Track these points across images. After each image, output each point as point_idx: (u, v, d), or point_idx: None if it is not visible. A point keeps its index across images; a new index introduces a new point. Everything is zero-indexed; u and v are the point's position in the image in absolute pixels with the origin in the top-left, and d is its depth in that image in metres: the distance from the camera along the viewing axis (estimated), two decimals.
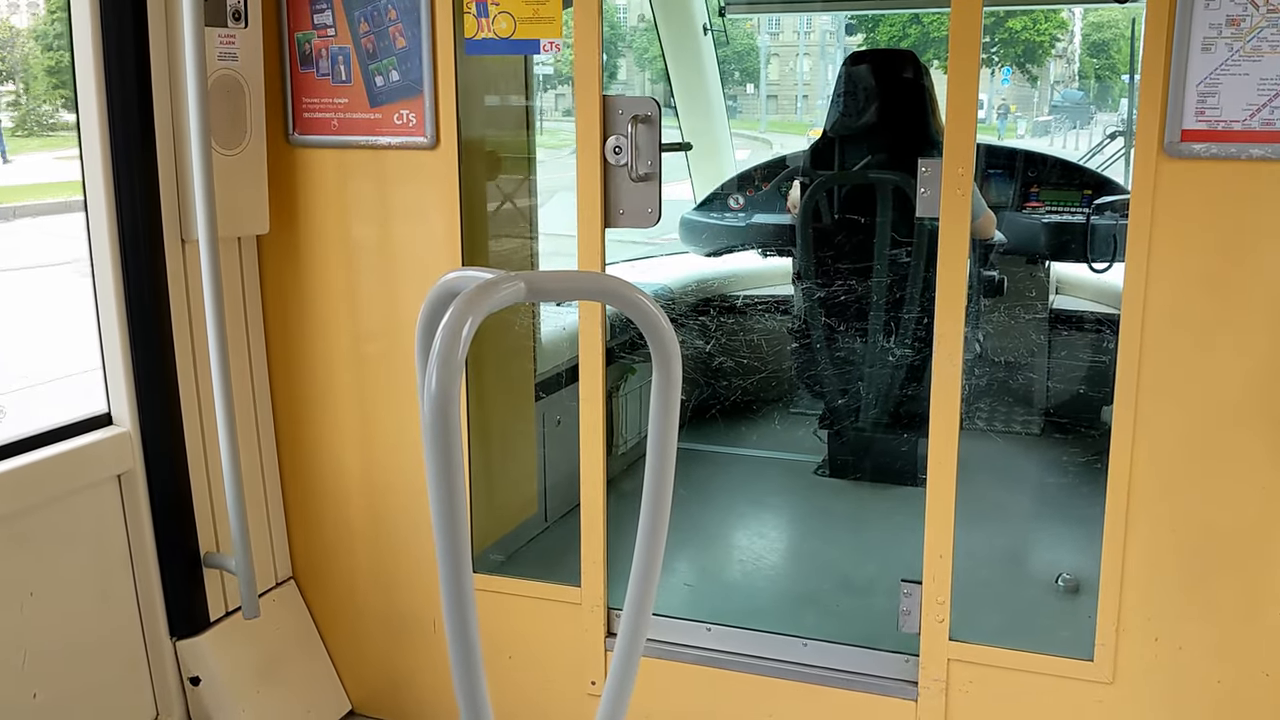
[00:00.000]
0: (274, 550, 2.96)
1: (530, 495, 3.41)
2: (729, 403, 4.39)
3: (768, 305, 4.58)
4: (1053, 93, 18.65)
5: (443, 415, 1.21)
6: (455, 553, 1.27)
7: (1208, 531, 2.26)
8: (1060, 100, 17.84)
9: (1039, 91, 18.82)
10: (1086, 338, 4.23)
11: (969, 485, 2.47)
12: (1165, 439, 2.25)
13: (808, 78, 19.91)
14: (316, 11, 2.67)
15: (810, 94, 19.42)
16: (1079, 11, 18.35)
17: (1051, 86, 18.69)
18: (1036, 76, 18.59)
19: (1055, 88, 18.56)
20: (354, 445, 2.89)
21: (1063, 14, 17.71)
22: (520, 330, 3.27)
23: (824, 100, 4.47)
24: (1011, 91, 18.80)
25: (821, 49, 17.15)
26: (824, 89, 20.21)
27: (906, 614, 2.54)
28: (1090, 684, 2.39)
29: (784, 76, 20.41)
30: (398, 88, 2.63)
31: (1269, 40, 2.04)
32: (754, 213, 4.56)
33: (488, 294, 1.26)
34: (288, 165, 2.78)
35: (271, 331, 2.89)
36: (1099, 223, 4.08)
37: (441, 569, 1.28)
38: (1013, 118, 18.56)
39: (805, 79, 20.03)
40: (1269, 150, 2.07)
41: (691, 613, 2.83)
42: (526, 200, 3.24)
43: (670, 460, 1.48)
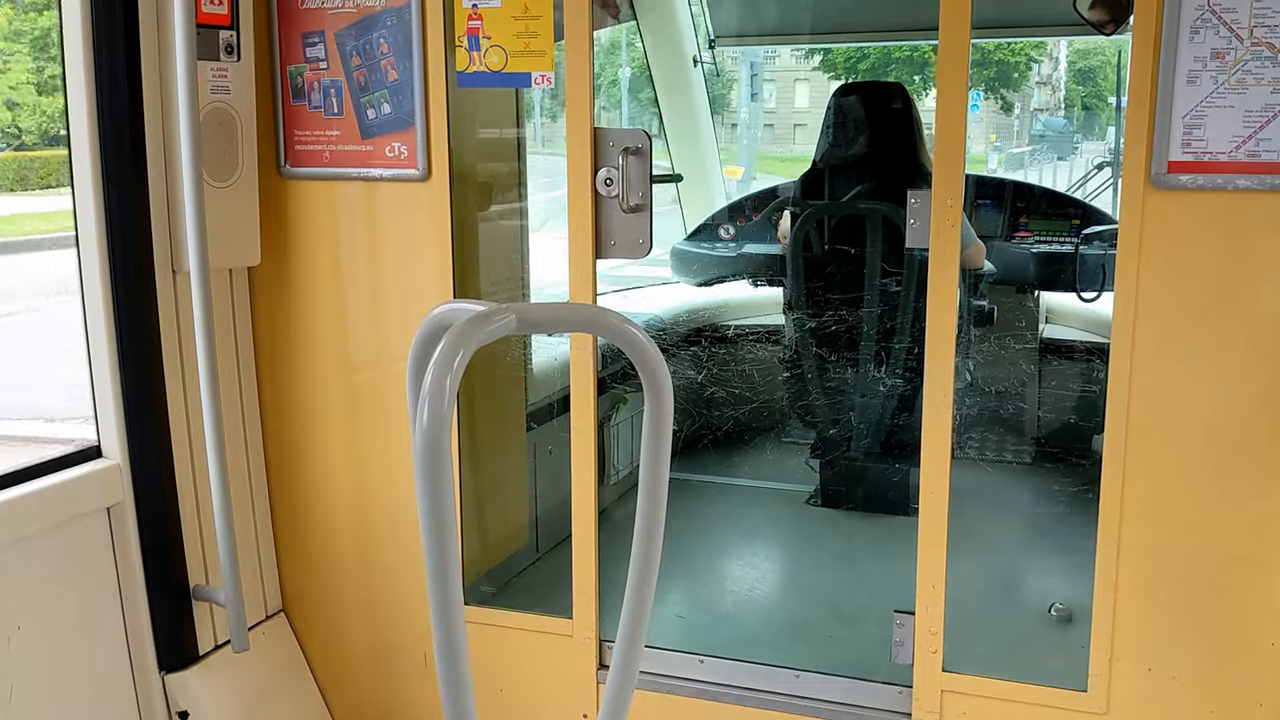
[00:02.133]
0: (264, 583, 2.94)
1: (521, 526, 3.40)
2: (721, 433, 4.39)
3: (759, 335, 4.59)
4: (1033, 120, 17.82)
5: (434, 448, 1.21)
6: (446, 585, 1.27)
7: (1200, 561, 2.26)
8: (1042, 129, 16.99)
9: (1021, 120, 18.19)
10: (1077, 367, 4.25)
11: (961, 515, 2.47)
12: (1156, 468, 2.26)
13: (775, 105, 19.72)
14: (308, 45, 2.68)
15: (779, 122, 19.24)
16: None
17: (1032, 114, 18.10)
18: (1012, 103, 17.72)
19: (1036, 115, 17.92)
20: (344, 478, 2.88)
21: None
22: (511, 360, 3.28)
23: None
24: (993, 119, 18.29)
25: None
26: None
27: (899, 645, 2.53)
28: (1084, 715, 2.38)
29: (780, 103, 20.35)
30: (389, 120, 2.64)
31: (1253, 72, 2.06)
32: (744, 243, 4.59)
33: (479, 327, 1.27)
34: (279, 197, 2.78)
35: (262, 363, 2.88)
36: (1087, 252, 4.11)
37: (432, 602, 1.27)
38: (990, 148, 18.04)
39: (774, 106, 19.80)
40: (1255, 181, 2.09)
41: (683, 644, 2.81)
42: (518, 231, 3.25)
43: (662, 491, 1.48)
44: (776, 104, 21.42)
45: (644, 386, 1.42)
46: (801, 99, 20.74)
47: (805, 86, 20.36)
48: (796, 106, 20.98)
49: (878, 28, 5.03)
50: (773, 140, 20.79)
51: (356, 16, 2.63)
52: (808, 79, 19.28)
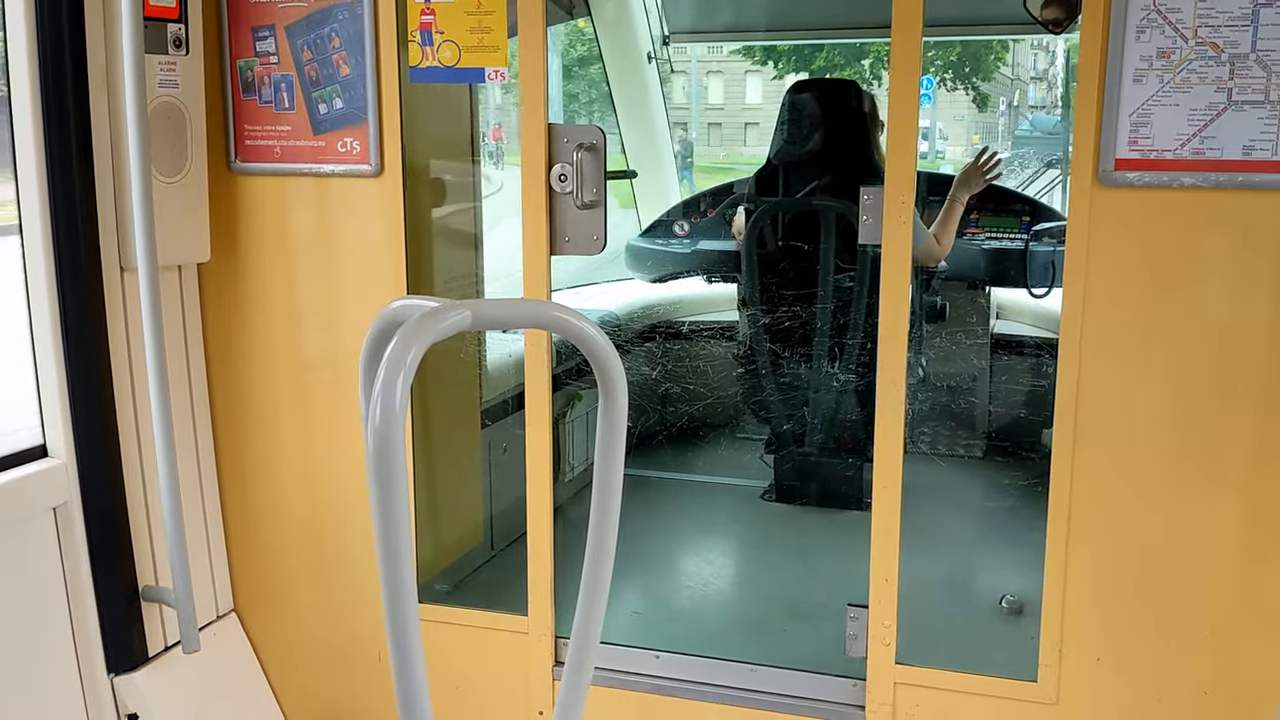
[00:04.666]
0: (215, 583, 2.91)
1: (476, 524, 3.38)
2: (675, 429, 4.40)
3: (713, 331, 4.60)
4: (1015, 117, 15.78)
5: (387, 446, 1.20)
6: (399, 584, 1.26)
7: (1146, 552, 2.30)
8: (1028, 128, 14.56)
9: (1008, 119, 16.15)
10: (1027, 362, 4.30)
11: (913, 509, 2.49)
12: (1104, 462, 2.29)
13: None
14: (259, 39, 2.65)
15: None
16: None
17: (1015, 110, 16.03)
18: (986, 95, 15.69)
19: (1021, 113, 15.63)
20: (297, 476, 2.85)
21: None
22: (465, 358, 3.26)
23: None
24: (980, 119, 16.94)
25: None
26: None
27: (853, 638, 2.55)
28: (1034, 705, 2.42)
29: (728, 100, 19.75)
30: (341, 115, 2.62)
31: (1198, 72, 2.10)
32: (699, 239, 4.60)
33: (433, 323, 1.26)
34: (229, 193, 2.75)
35: (212, 361, 2.85)
36: (1037, 249, 4.16)
37: (386, 600, 1.26)
38: (970, 150, 17.37)
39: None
40: (1199, 179, 2.13)
41: (639, 640, 2.82)
42: (472, 227, 3.24)
43: (616, 487, 1.47)
44: (725, 99, 20.67)
45: (599, 383, 1.41)
46: (754, 94, 19.98)
47: (758, 79, 19.67)
48: (749, 103, 20.24)
49: (831, 25, 5.06)
50: (719, 143, 20.14)
51: (307, 10, 2.60)
52: (759, 72, 18.42)
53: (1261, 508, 2.21)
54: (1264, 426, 2.18)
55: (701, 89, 19.66)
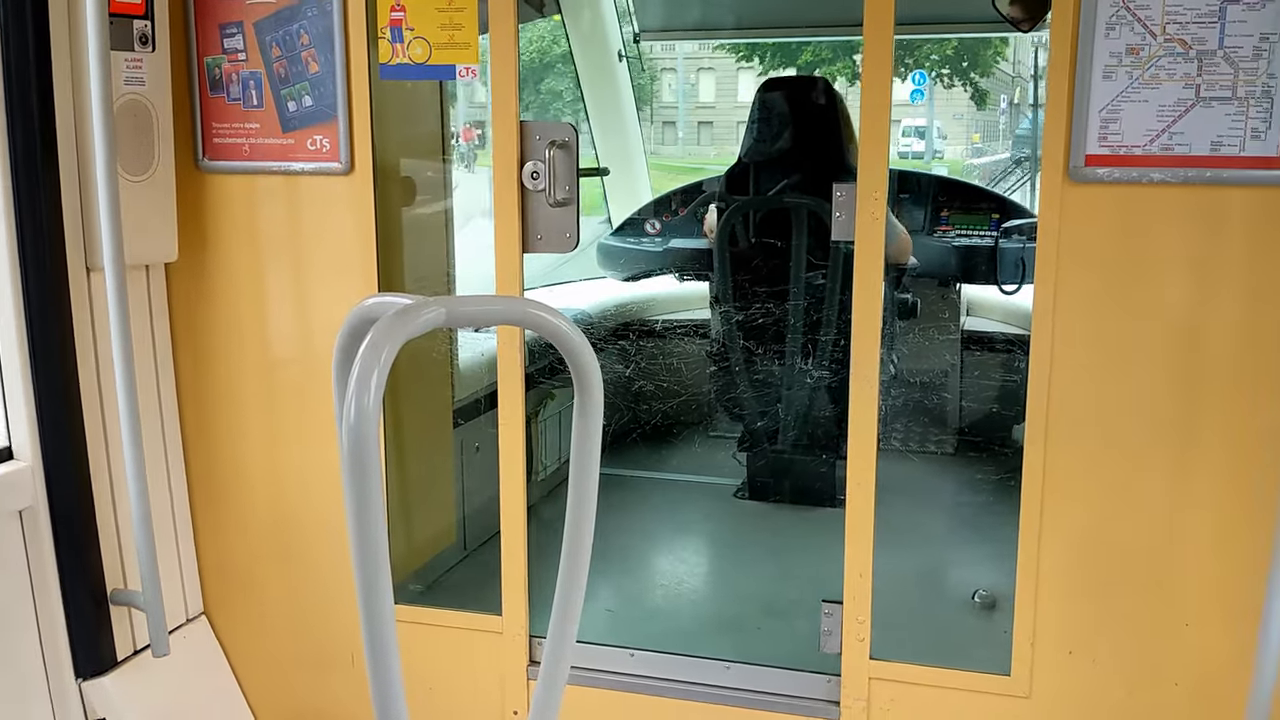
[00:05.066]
0: (184, 585, 2.87)
1: (449, 524, 3.37)
2: (649, 427, 4.39)
3: (686, 329, 4.60)
4: (1016, 115, 14.53)
5: (362, 444, 1.19)
6: (376, 584, 1.25)
7: (1118, 546, 2.32)
8: (1028, 127, 12.78)
9: (1010, 118, 14.99)
10: (998, 358, 4.33)
11: (887, 505, 2.50)
12: (1075, 457, 2.30)
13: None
14: (226, 36, 2.62)
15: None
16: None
17: (1014, 108, 14.78)
18: (986, 92, 14.79)
19: (1021, 112, 14.15)
20: (267, 476, 2.83)
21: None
22: (438, 357, 3.24)
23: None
24: (981, 117, 16.10)
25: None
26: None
27: (828, 634, 2.56)
28: (1008, 698, 2.43)
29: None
30: (311, 113, 2.59)
31: (1166, 68, 2.12)
32: (671, 237, 4.59)
33: (407, 319, 1.25)
34: (197, 191, 2.72)
35: (181, 361, 2.82)
36: (1007, 246, 4.19)
37: (361, 601, 1.25)
38: (970, 151, 16.36)
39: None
40: (1168, 174, 2.14)
41: (614, 639, 2.81)
42: (443, 225, 3.22)
43: (592, 485, 1.47)
44: (717, 97, 19.49)
45: (574, 380, 1.41)
46: (746, 92, 19.57)
47: (751, 77, 19.02)
48: (741, 100, 19.68)
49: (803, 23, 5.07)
50: (710, 142, 19.13)
51: (276, 7, 2.58)
52: (752, 68, 17.49)
53: (1233, 501, 2.23)
54: (1234, 420, 2.20)
55: (689, 86, 18.99)
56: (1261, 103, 2.08)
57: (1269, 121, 2.08)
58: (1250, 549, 2.19)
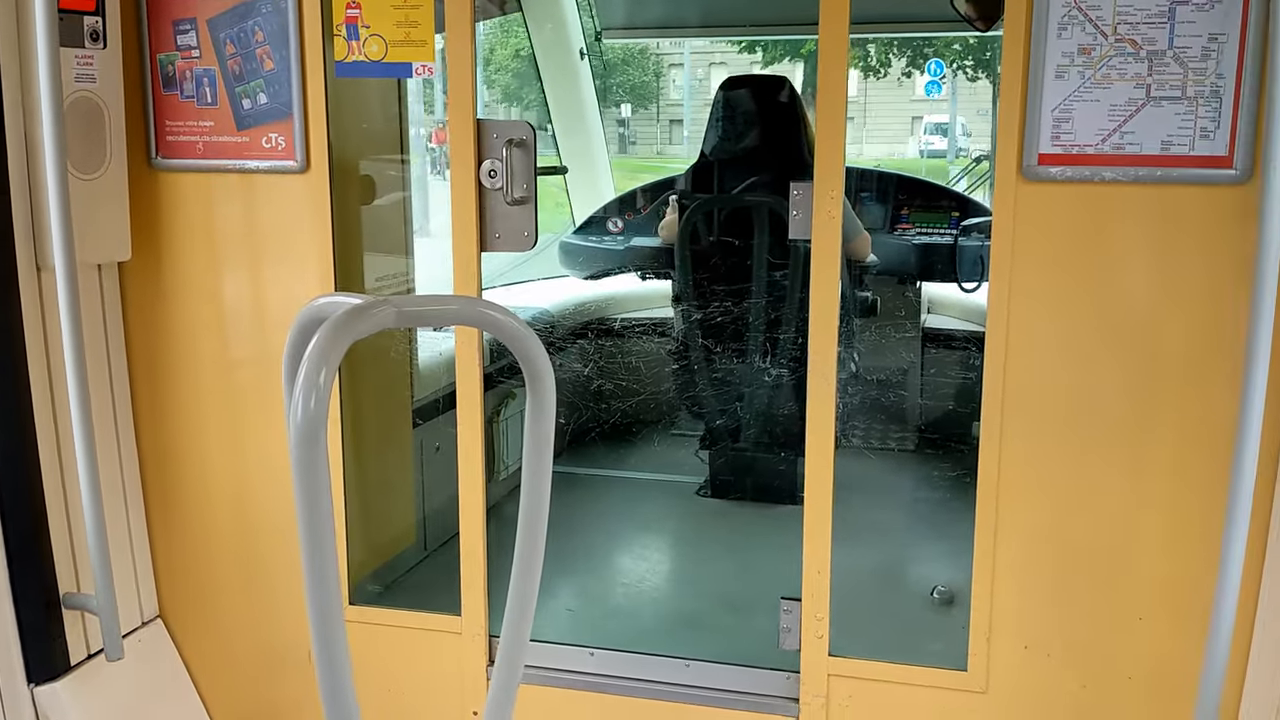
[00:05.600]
0: (139, 588, 2.84)
1: (409, 524, 3.35)
2: (610, 426, 4.39)
3: (647, 328, 4.61)
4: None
5: (309, 446, 1.18)
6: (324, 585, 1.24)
7: (1072, 542, 2.34)
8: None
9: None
10: (956, 355, 4.36)
11: (846, 502, 2.51)
12: (1030, 453, 2.32)
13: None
14: (180, 33, 2.60)
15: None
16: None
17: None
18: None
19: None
20: (223, 477, 2.80)
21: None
22: (396, 356, 3.22)
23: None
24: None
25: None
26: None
27: (786, 631, 2.57)
28: (964, 694, 2.45)
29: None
30: (266, 110, 2.57)
31: (1117, 68, 2.14)
32: (633, 236, 4.59)
33: (356, 319, 1.24)
34: (151, 190, 2.69)
35: (135, 362, 2.79)
36: (966, 244, 4.22)
37: (310, 604, 1.25)
38: (974, 158, 15.76)
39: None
40: (1120, 173, 2.17)
41: (574, 638, 2.81)
42: (402, 224, 3.20)
43: (545, 484, 1.46)
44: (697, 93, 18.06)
45: (526, 379, 1.41)
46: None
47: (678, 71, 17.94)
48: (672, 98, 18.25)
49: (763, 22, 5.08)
50: (679, 139, 18.59)
51: (230, 3, 2.55)
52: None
53: (1185, 497, 2.25)
54: (1187, 417, 2.23)
55: (697, 82, 18.03)
56: (1210, 102, 2.11)
57: (1218, 121, 2.11)
58: (1202, 544, 2.22)
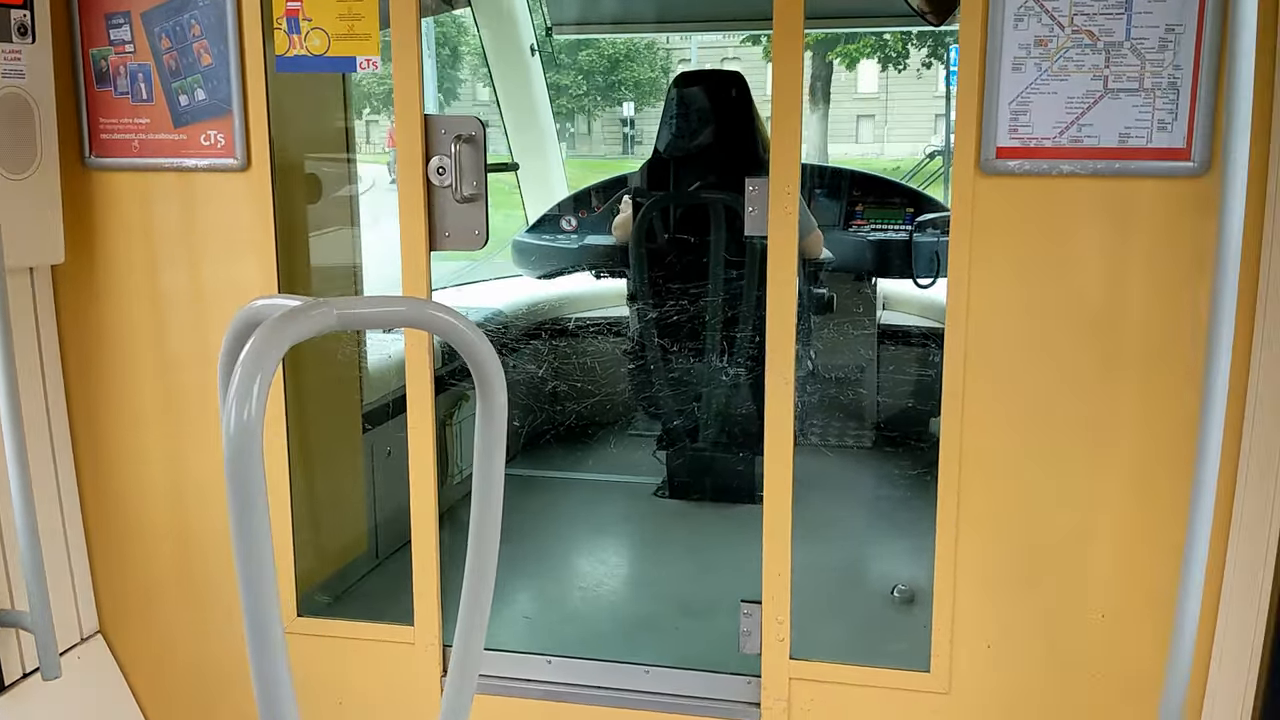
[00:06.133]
0: (78, 604, 2.74)
1: (360, 532, 3.27)
2: (565, 427, 4.33)
3: (602, 327, 4.55)
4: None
5: (243, 456, 1.12)
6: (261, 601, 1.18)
7: (1033, 539, 2.31)
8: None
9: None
10: (913, 352, 4.34)
11: (806, 501, 2.47)
12: (990, 450, 2.29)
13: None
14: (113, 27, 2.50)
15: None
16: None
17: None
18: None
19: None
20: (165, 487, 2.71)
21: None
22: (344, 360, 3.14)
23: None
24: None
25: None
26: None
27: (747, 635, 2.52)
28: (928, 695, 2.42)
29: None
30: (204, 107, 2.48)
31: (1074, 60, 2.11)
32: (586, 234, 4.54)
33: (292, 323, 1.18)
34: (85, 189, 2.60)
35: (70, 368, 2.69)
36: (921, 240, 4.20)
37: (247, 621, 1.19)
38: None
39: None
40: (1078, 166, 2.14)
41: (531, 646, 2.75)
42: (349, 223, 3.13)
43: (497, 490, 1.42)
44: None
45: (475, 381, 1.35)
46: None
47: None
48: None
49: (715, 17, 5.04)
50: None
51: None
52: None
53: (1146, 492, 2.23)
54: (1147, 410, 2.21)
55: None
56: (1168, 94, 2.09)
57: (1175, 113, 2.09)
58: (1165, 539, 2.20)
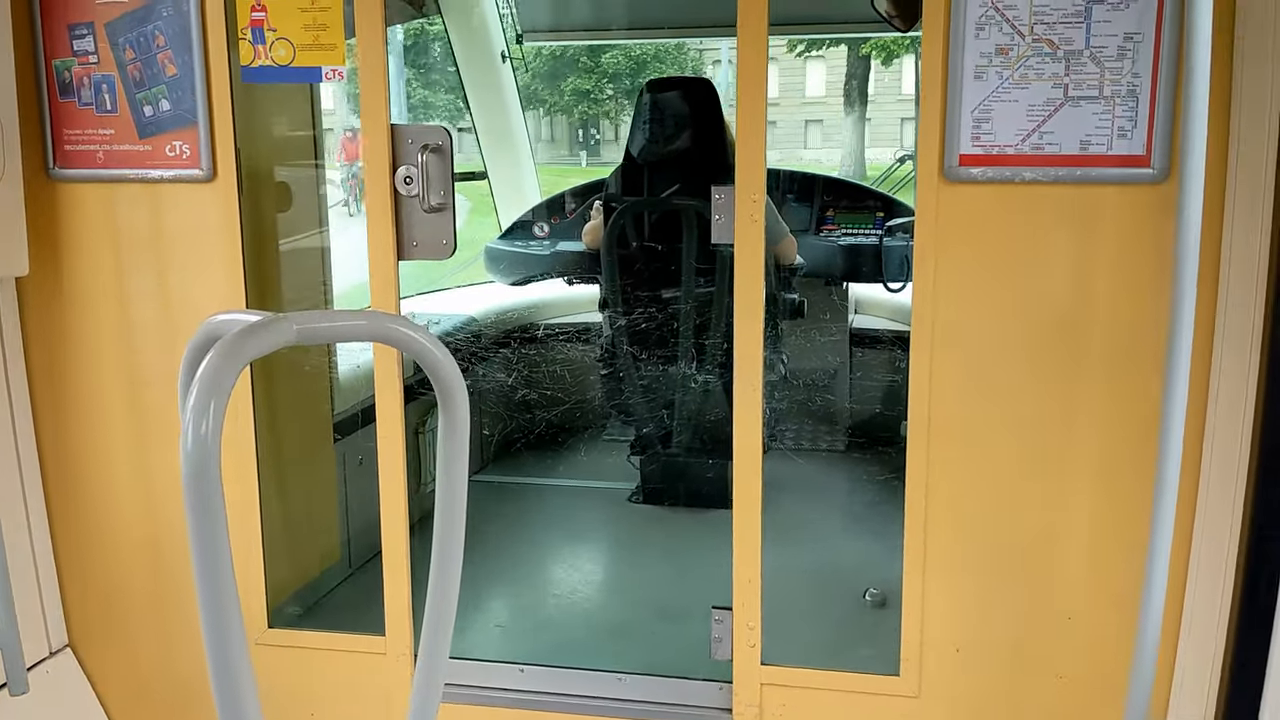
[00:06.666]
0: (46, 617, 2.72)
1: (332, 542, 3.26)
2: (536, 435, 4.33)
3: (574, 333, 4.55)
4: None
5: (201, 475, 1.12)
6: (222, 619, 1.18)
7: (1002, 541, 2.33)
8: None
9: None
10: (884, 356, 4.36)
11: (777, 506, 2.48)
12: (959, 452, 2.31)
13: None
14: (76, 37, 2.49)
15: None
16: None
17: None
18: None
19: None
20: (133, 501, 2.69)
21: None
22: (313, 370, 3.13)
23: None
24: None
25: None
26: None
27: (718, 641, 2.53)
28: (898, 699, 2.43)
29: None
30: (169, 118, 2.47)
31: (1035, 68, 2.13)
32: (558, 241, 4.54)
33: (251, 338, 1.18)
34: (49, 201, 2.58)
35: (35, 380, 2.67)
36: (891, 244, 4.22)
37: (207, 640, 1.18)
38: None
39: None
40: (1040, 173, 2.16)
41: (504, 654, 2.75)
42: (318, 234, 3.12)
43: (460, 500, 1.41)
44: (780, 93, 14.88)
45: (437, 393, 1.35)
46: (816, 85, 15.09)
47: (820, 67, 14.70)
48: (810, 96, 15.00)
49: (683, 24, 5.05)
50: (771, 144, 16.56)
51: (129, 7, 2.45)
52: (822, 57, 13.04)
53: (1111, 494, 2.25)
54: (1112, 412, 2.23)
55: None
56: (1128, 101, 2.11)
57: (1135, 120, 2.11)
58: (1129, 541, 2.23)
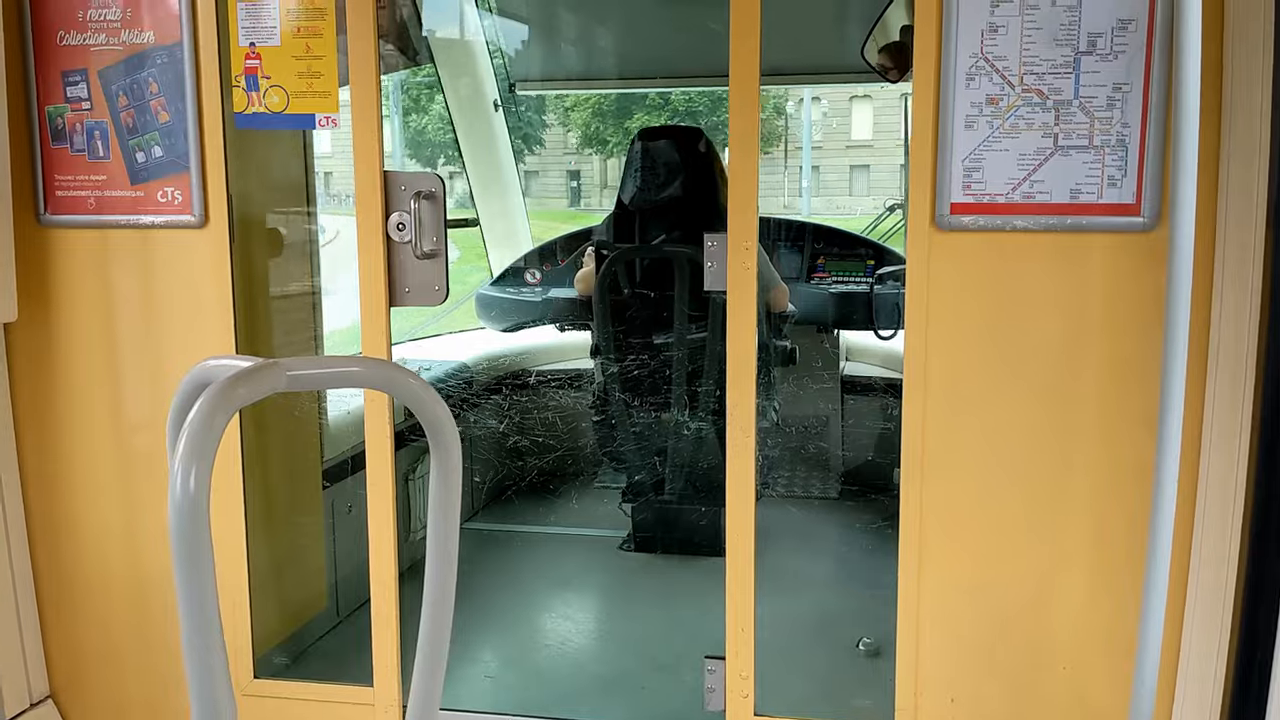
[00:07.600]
0: (28, 667, 2.68)
1: (320, 590, 3.22)
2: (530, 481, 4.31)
3: (566, 380, 4.54)
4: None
5: (190, 523, 1.10)
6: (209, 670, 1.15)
7: (996, 590, 2.31)
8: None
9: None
10: (876, 403, 4.36)
11: (770, 554, 2.46)
12: (951, 503, 2.30)
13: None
14: (69, 84, 2.50)
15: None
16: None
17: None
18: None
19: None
20: (119, 549, 2.66)
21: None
22: (302, 416, 3.11)
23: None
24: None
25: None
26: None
27: (711, 691, 2.50)
28: None
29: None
30: (161, 164, 2.48)
31: (1025, 117, 2.15)
32: (550, 287, 4.54)
33: (241, 384, 1.17)
34: (39, 247, 2.57)
35: (22, 427, 2.65)
36: (882, 292, 4.24)
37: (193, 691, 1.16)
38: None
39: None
40: (1031, 221, 2.17)
41: (494, 706, 2.71)
42: (309, 279, 3.11)
43: (452, 548, 1.39)
44: (824, 136, 14.95)
45: (429, 439, 1.34)
46: (862, 127, 14.63)
47: (868, 108, 14.49)
48: (856, 138, 14.73)
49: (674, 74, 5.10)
50: (817, 191, 15.35)
51: (123, 55, 2.46)
52: (869, 99, 13.30)
53: (1105, 541, 2.24)
54: (1104, 460, 2.22)
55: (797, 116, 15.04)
56: (1117, 151, 2.13)
57: (1125, 169, 2.13)
58: (1124, 588, 2.21)
